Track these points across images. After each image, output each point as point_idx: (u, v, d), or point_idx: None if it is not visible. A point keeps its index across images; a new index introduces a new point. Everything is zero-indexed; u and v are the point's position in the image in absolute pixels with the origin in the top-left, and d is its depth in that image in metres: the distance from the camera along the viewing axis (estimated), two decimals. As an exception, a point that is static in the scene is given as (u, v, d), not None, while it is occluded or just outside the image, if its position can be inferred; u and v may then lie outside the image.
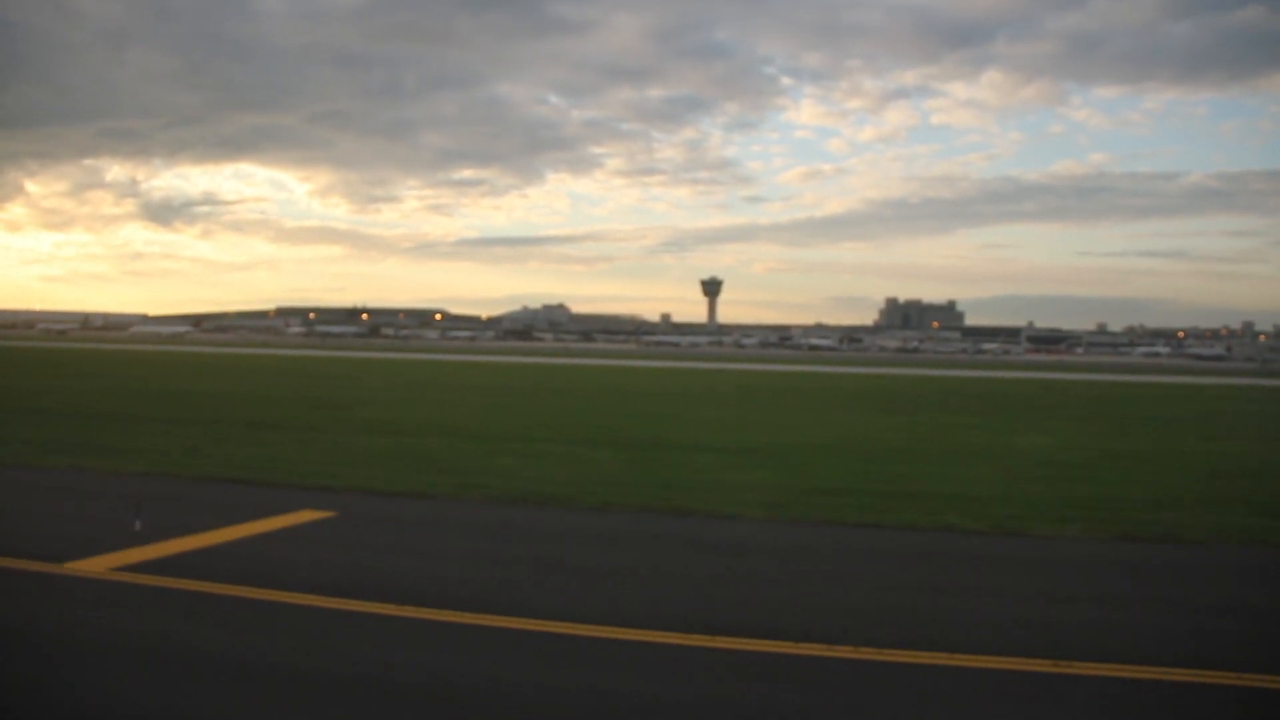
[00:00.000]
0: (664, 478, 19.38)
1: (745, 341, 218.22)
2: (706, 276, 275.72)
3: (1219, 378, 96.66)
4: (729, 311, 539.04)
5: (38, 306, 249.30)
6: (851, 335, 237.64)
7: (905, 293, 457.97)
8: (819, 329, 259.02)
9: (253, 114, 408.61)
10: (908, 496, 17.42)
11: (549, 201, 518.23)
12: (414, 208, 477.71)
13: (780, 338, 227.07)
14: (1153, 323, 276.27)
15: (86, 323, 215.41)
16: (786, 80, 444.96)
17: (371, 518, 15.02)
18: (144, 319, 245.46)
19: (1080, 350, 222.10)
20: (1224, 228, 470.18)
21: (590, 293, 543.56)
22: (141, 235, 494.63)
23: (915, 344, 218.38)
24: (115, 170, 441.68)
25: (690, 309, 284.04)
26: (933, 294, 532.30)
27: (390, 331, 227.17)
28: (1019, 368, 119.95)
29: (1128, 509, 16.27)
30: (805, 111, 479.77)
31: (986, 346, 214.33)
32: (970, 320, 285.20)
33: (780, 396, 49.79)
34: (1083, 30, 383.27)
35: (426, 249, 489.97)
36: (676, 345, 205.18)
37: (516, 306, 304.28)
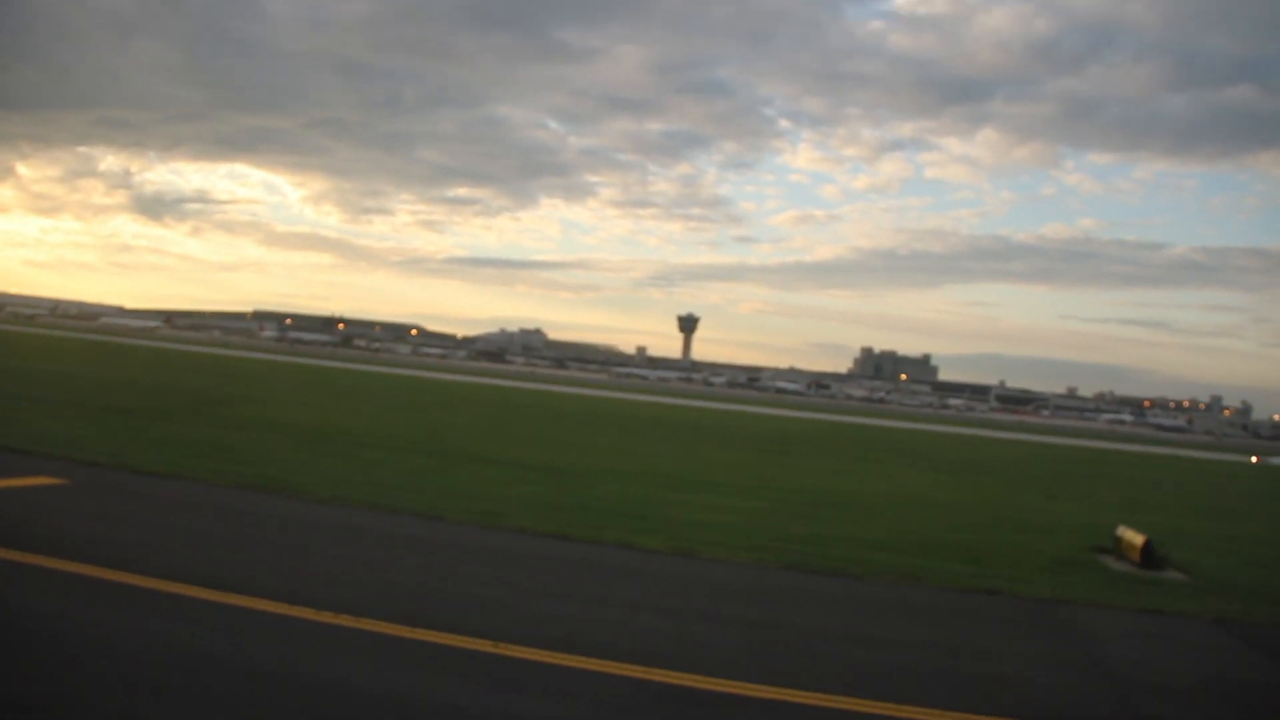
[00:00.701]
0: (432, 483, 20.24)
1: (714, 380, 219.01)
2: (687, 313, 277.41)
3: (1162, 447, 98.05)
4: (712, 350, 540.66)
5: (22, 291, 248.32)
6: (820, 382, 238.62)
7: (888, 343, 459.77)
8: (791, 373, 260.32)
9: (252, 115, 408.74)
10: (636, 517, 18.24)
11: (541, 226, 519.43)
12: (405, 222, 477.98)
13: (749, 379, 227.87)
14: (1133, 391, 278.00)
15: (56, 309, 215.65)
16: (785, 123, 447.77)
17: (96, 486, 15.91)
18: (120, 311, 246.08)
19: (1046, 412, 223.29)
20: (1206, 301, 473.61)
21: (575, 321, 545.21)
22: (131, 228, 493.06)
23: (882, 395, 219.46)
24: (109, 160, 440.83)
25: (669, 344, 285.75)
26: (915, 346, 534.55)
27: (362, 343, 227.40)
28: (970, 424, 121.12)
29: (835, 545, 17.09)
30: (802, 156, 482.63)
31: (952, 402, 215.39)
32: (947, 375, 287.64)
33: (674, 430, 50.69)
34: (1080, 95, 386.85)
35: (415, 264, 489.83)
36: (645, 379, 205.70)
37: (498, 328, 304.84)
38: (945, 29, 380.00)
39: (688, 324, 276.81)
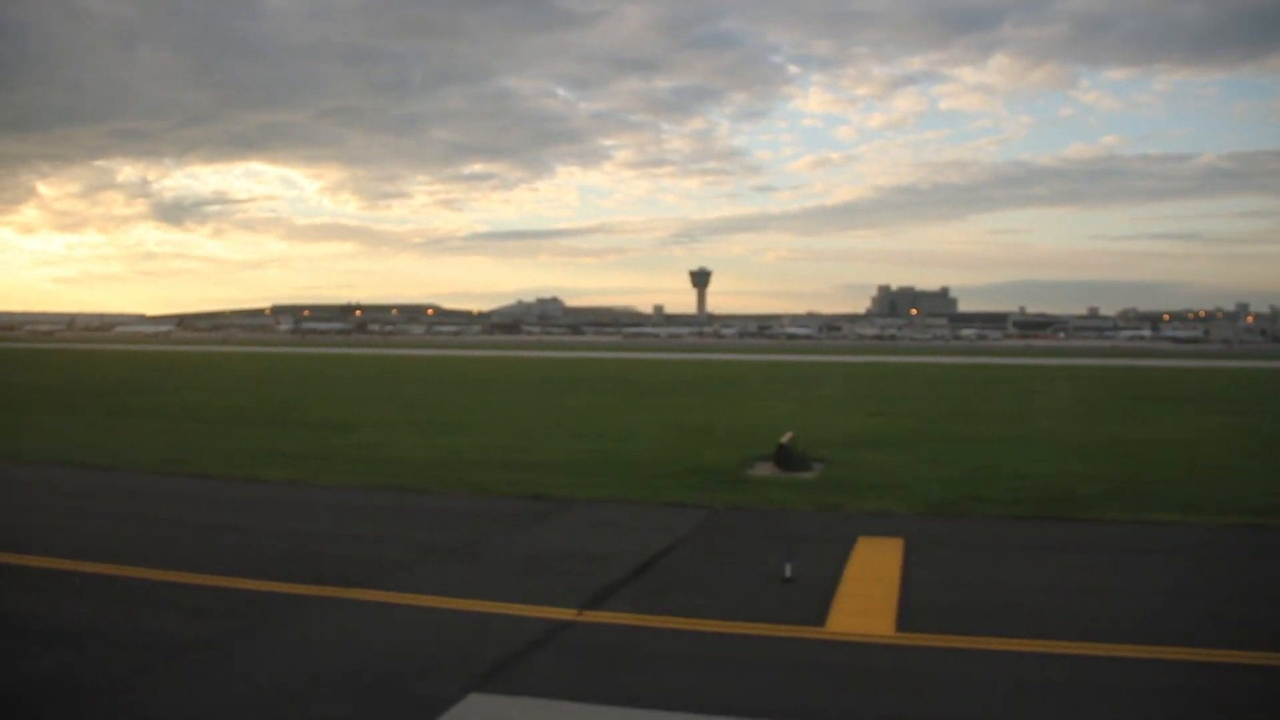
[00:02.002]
0: (190, 443, 22.57)
1: (725, 332, 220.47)
2: (699, 267, 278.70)
3: (1165, 360, 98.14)
4: (740, 301, 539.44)
5: (50, 309, 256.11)
6: (831, 324, 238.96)
7: (915, 279, 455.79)
8: (808, 317, 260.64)
9: (262, 112, 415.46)
10: (350, 459, 20.34)
11: (558, 195, 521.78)
12: (424, 203, 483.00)
13: (760, 327, 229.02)
14: (1167, 305, 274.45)
15: (72, 324, 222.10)
16: (794, 69, 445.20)
17: None
18: (141, 319, 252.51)
19: (1062, 335, 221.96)
20: (1237, 209, 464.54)
21: (600, 285, 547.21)
22: (153, 235, 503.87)
23: (892, 332, 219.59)
24: (126, 171, 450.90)
25: (691, 300, 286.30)
26: (942, 280, 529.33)
27: (376, 327, 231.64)
28: (960, 353, 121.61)
29: (479, 469, 19.09)
30: (813, 100, 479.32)
31: (964, 333, 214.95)
32: (973, 306, 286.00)
33: (583, 384, 52.64)
34: (1091, 12, 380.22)
35: (437, 244, 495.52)
36: (656, 336, 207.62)
37: (530, 300, 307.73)
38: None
39: (700, 278, 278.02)
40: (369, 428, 27.03)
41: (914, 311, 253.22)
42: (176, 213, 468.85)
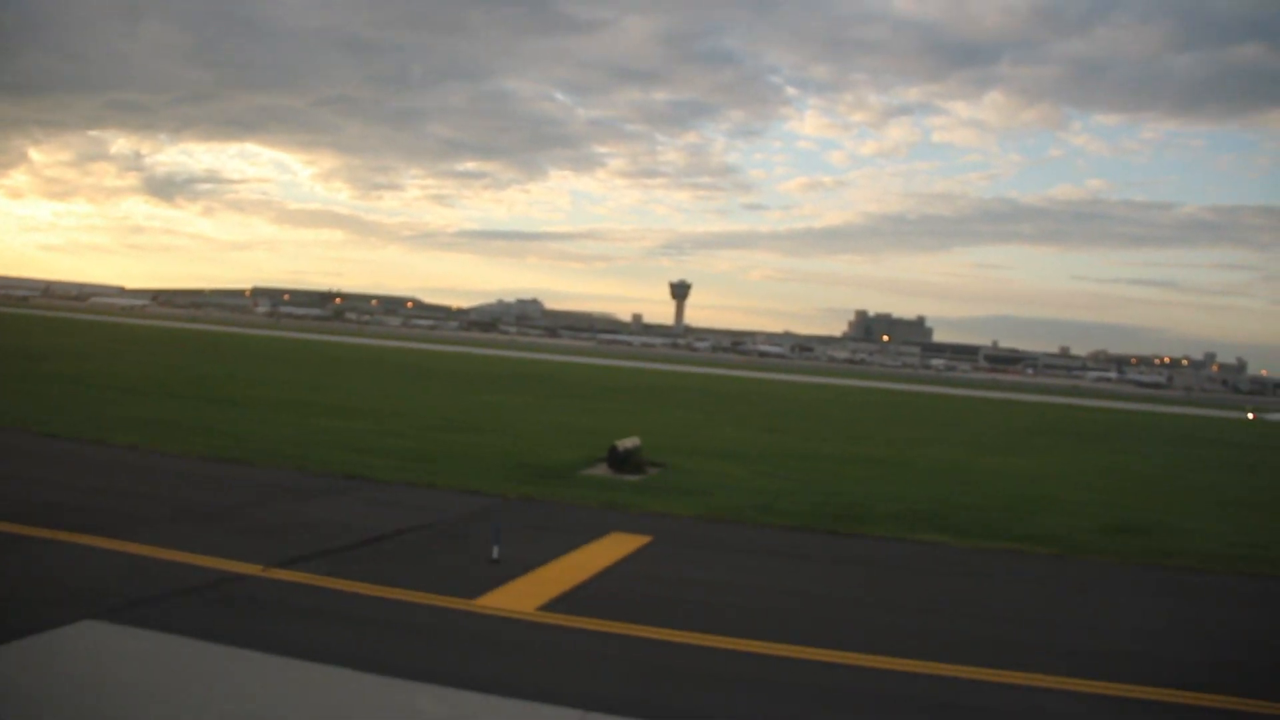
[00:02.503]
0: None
1: (697, 345, 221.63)
2: (679, 279, 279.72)
3: (1115, 401, 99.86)
4: (723, 317, 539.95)
5: (33, 275, 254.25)
6: (804, 345, 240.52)
7: (898, 307, 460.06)
8: (785, 336, 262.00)
9: (260, 94, 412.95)
10: (199, 430, 21.15)
11: (550, 198, 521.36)
12: (416, 196, 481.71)
13: (733, 343, 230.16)
14: (1143, 350, 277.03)
15: (48, 291, 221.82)
16: (792, 90, 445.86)
17: None
18: (121, 291, 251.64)
19: (1031, 371, 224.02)
20: (1216, 260, 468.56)
21: (586, 291, 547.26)
22: (143, 209, 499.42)
23: (863, 356, 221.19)
24: (120, 143, 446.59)
25: (674, 311, 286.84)
26: (925, 310, 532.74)
27: (353, 316, 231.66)
28: (933, 382, 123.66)
29: (320, 449, 19.96)
30: (809, 122, 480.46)
31: (934, 362, 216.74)
32: (951, 337, 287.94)
33: (508, 380, 53.45)
34: (1086, 57, 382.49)
35: (427, 238, 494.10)
36: (629, 345, 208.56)
37: (510, 300, 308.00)
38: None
39: (680, 290, 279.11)
40: (261, 405, 27.84)
41: (886, 338, 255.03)
42: (168, 188, 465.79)
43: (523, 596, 10.07)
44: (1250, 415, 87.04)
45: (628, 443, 21.18)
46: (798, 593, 11.56)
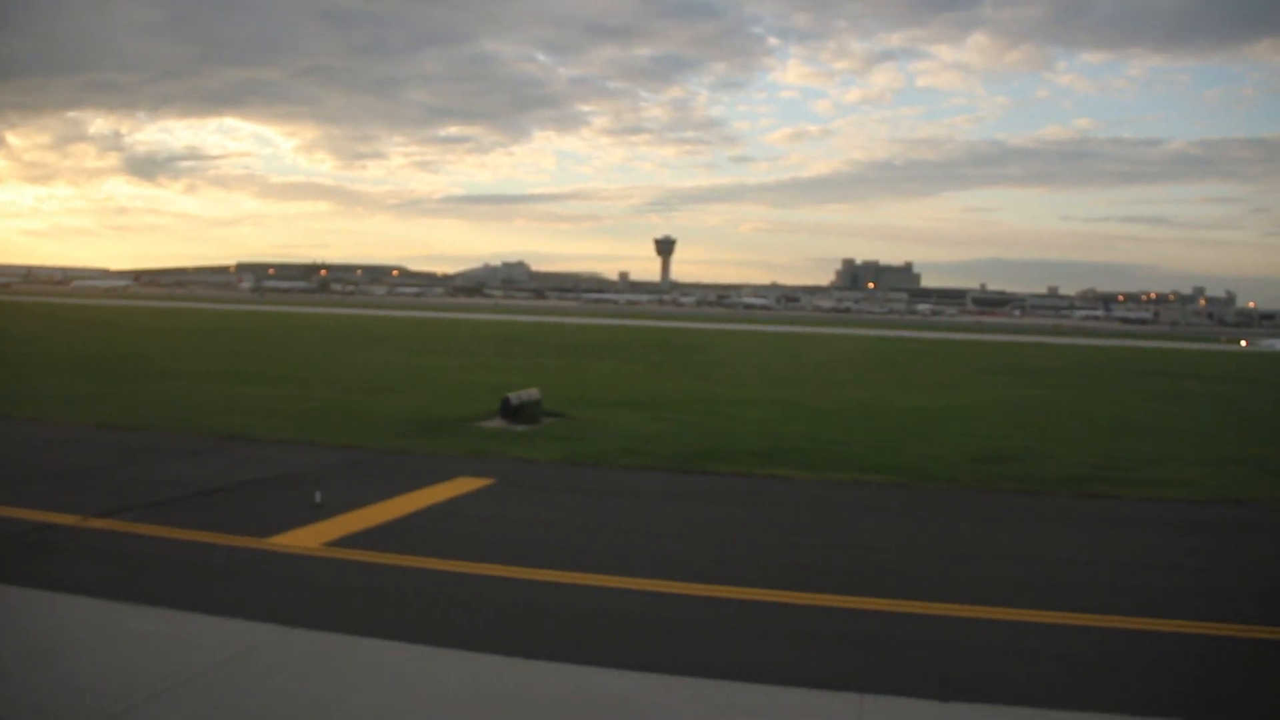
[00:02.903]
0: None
1: (683, 300, 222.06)
2: (664, 235, 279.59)
3: (1092, 339, 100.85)
4: (717, 271, 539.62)
5: (16, 261, 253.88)
6: (789, 295, 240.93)
7: (888, 254, 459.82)
8: (771, 288, 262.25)
9: (238, 69, 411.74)
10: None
11: (535, 159, 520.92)
12: (400, 164, 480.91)
13: (719, 297, 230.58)
14: (1135, 287, 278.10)
15: (29, 276, 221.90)
16: (773, 40, 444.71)
17: None
18: (105, 274, 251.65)
19: (1018, 313, 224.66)
20: (1205, 194, 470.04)
21: (575, 251, 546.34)
22: (125, 190, 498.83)
23: (849, 305, 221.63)
24: (98, 123, 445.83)
25: (673, 268, 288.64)
26: (915, 256, 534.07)
27: (338, 287, 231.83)
28: (913, 327, 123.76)
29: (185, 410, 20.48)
30: (792, 72, 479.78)
31: (920, 308, 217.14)
32: (941, 282, 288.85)
33: (501, 345, 53.89)
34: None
35: (413, 205, 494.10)
36: (615, 303, 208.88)
37: (496, 264, 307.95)
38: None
39: (665, 247, 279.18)
40: (186, 377, 28.28)
41: (871, 285, 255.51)
42: (149, 167, 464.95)
43: (317, 535, 10.60)
44: (1243, 343, 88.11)
45: (523, 394, 21.69)
46: (604, 527, 12.03)
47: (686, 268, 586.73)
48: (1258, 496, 14.93)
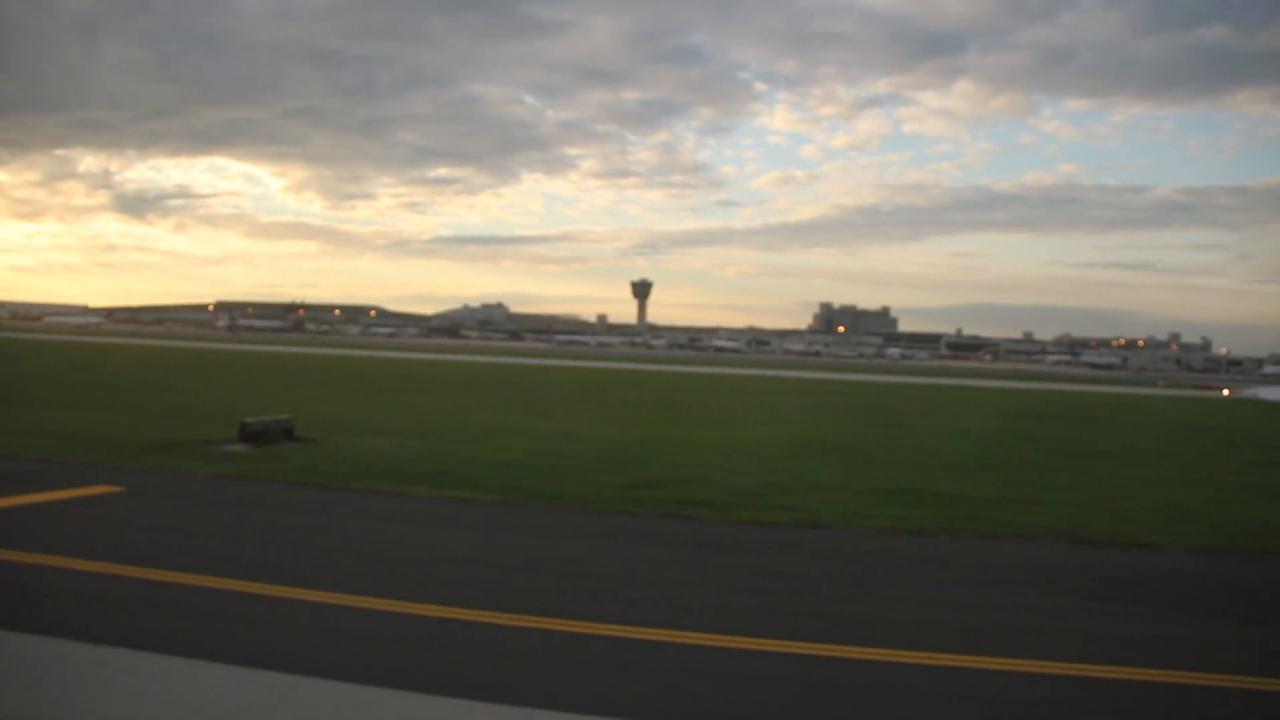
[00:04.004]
0: None
1: (654, 343, 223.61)
2: (640, 278, 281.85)
3: (1049, 382, 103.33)
4: (703, 315, 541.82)
5: (5, 298, 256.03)
6: (759, 339, 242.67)
7: (874, 299, 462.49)
8: (748, 331, 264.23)
9: (226, 109, 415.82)
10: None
11: (523, 201, 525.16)
12: (388, 205, 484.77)
13: (690, 339, 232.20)
14: (1121, 332, 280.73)
15: (13, 313, 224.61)
16: (760, 86, 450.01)
17: None
18: (84, 310, 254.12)
19: (989, 357, 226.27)
20: (1189, 241, 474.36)
21: (563, 293, 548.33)
22: (114, 227, 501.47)
23: (819, 348, 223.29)
24: (88, 161, 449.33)
25: (657, 311, 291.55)
26: (901, 300, 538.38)
27: (312, 326, 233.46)
28: (869, 370, 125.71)
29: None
30: (779, 117, 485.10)
31: (889, 352, 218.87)
32: (926, 327, 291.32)
33: (402, 383, 55.20)
34: (1053, 43, 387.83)
35: (401, 246, 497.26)
36: (586, 345, 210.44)
37: (476, 305, 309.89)
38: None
39: (641, 289, 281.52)
40: (60, 407, 29.43)
41: (841, 329, 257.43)
42: (139, 205, 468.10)
43: None
44: (1226, 392, 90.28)
45: (269, 420, 23.04)
46: (201, 534, 13.27)
47: (671, 310, 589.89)
48: (869, 525, 15.67)
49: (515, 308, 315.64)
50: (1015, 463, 26.32)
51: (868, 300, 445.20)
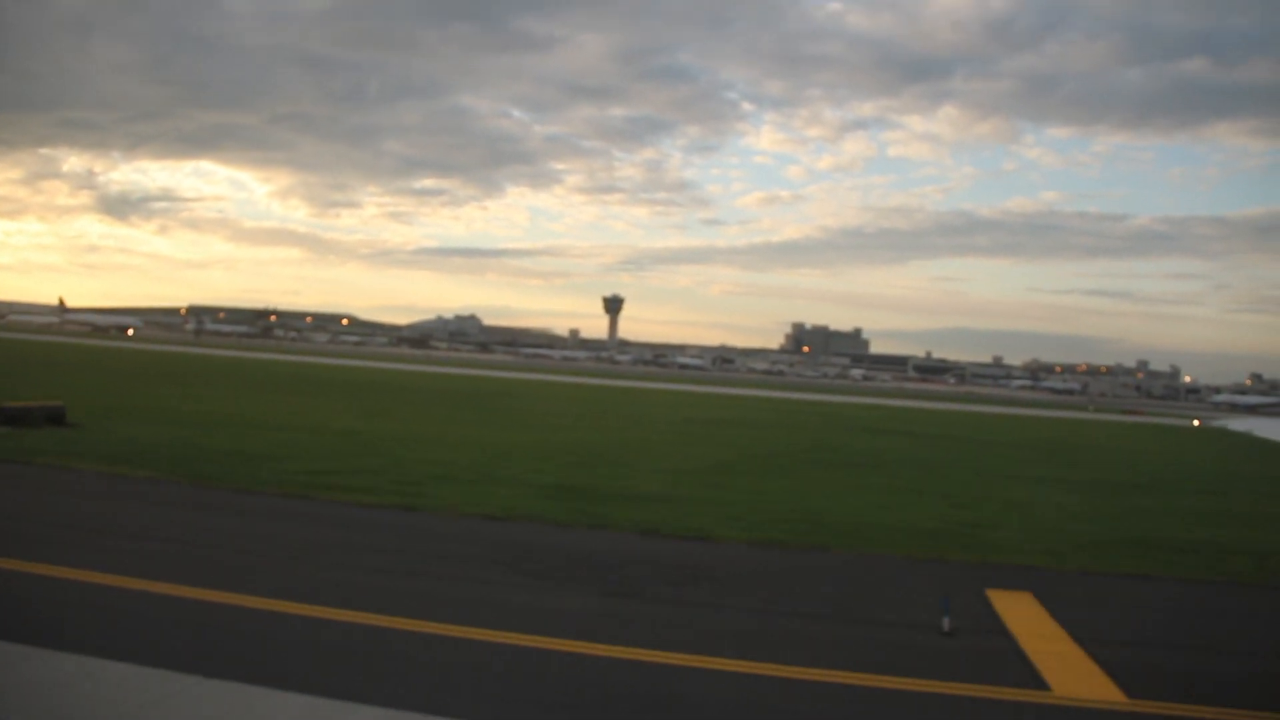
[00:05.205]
0: None
1: (620, 358, 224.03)
2: (612, 294, 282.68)
3: (998, 406, 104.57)
4: (680, 331, 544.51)
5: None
6: (724, 356, 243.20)
7: (855, 321, 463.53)
8: (719, 349, 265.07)
9: (215, 112, 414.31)
10: None
11: (508, 215, 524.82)
12: (373, 214, 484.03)
13: (655, 356, 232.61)
14: (1097, 359, 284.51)
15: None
16: (747, 106, 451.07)
17: None
18: (58, 309, 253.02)
19: (953, 380, 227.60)
20: (1168, 270, 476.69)
21: (545, 307, 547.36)
22: (97, 228, 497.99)
23: (781, 368, 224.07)
24: (72, 161, 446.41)
25: (638, 327, 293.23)
26: (882, 323, 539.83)
27: (280, 333, 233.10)
28: (818, 390, 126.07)
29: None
30: (765, 138, 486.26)
31: (853, 373, 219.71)
32: (902, 349, 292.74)
33: (329, 389, 55.42)
34: (1037, 72, 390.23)
35: (385, 256, 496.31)
36: (550, 358, 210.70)
37: (449, 316, 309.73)
38: (902, 8, 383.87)
39: (612, 305, 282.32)
40: None
41: (806, 349, 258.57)
42: (122, 207, 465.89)
43: None
44: (1195, 422, 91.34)
45: (31, 403, 23.47)
46: None
47: (651, 327, 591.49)
48: (479, 512, 16.26)
49: (494, 321, 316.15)
50: (758, 471, 26.14)
51: (845, 322, 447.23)
